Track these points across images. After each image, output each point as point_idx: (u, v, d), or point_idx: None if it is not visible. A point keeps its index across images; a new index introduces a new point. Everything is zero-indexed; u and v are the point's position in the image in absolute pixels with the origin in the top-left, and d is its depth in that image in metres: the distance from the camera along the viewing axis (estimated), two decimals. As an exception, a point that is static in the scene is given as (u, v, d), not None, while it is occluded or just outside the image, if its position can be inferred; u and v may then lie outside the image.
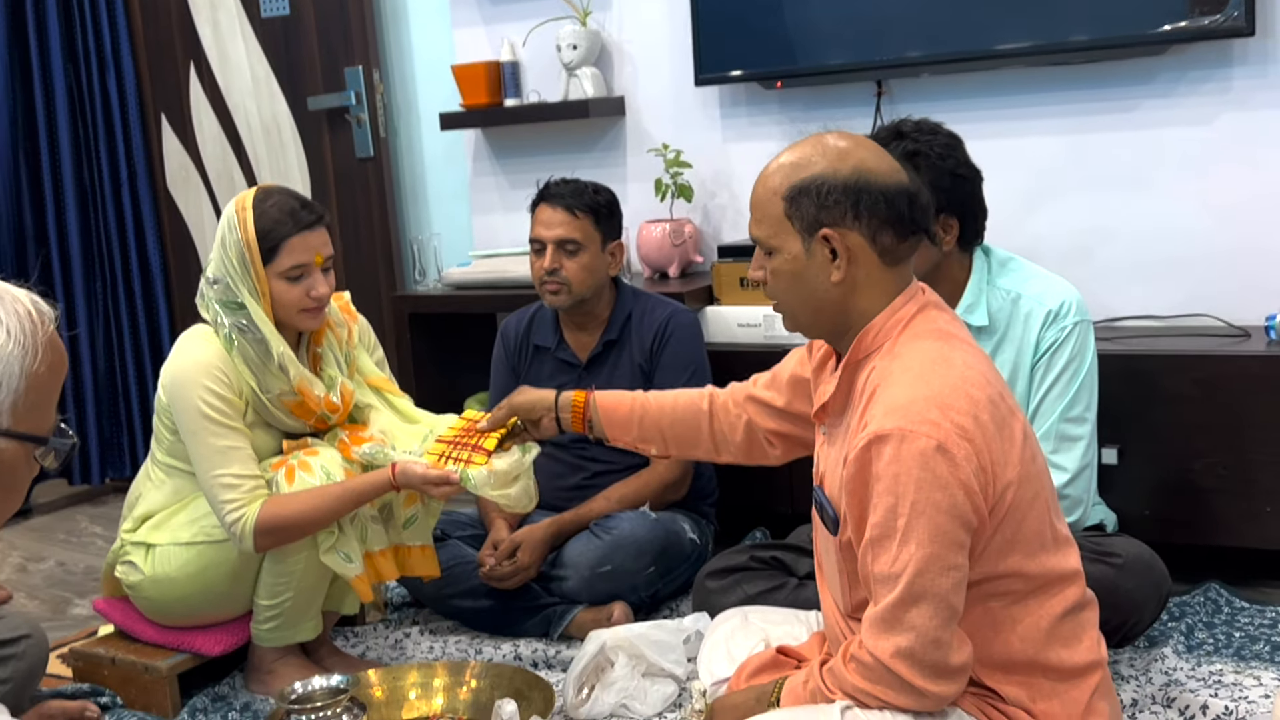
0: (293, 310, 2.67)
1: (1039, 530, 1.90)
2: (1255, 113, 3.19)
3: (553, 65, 4.00)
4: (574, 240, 3.08)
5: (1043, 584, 1.90)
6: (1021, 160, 3.44)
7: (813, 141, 1.96)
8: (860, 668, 1.86)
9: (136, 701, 2.79)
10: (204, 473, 2.62)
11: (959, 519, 1.78)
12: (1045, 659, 1.90)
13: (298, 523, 2.61)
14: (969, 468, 1.78)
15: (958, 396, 1.82)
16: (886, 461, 1.80)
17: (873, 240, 1.90)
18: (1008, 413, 1.88)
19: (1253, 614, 2.85)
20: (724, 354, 3.35)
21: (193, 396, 2.61)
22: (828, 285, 1.92)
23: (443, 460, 2.57)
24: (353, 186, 4.39)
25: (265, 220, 2.64)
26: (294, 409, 2.71)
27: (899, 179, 1.91)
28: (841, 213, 1.89)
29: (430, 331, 4.10)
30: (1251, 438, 2.89)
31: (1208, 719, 2.37)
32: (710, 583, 2.80)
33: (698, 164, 3.80)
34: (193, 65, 4.63)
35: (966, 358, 1.89)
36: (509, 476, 2.55)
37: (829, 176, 1.90)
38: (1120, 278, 3.36)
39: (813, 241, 1.91)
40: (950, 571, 1.79)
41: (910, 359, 1.88)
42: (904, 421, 1.79)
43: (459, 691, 2.67)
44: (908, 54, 3.43)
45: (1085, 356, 2.59)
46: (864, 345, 1.93)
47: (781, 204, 1.92)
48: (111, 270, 4.72)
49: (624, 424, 2.40)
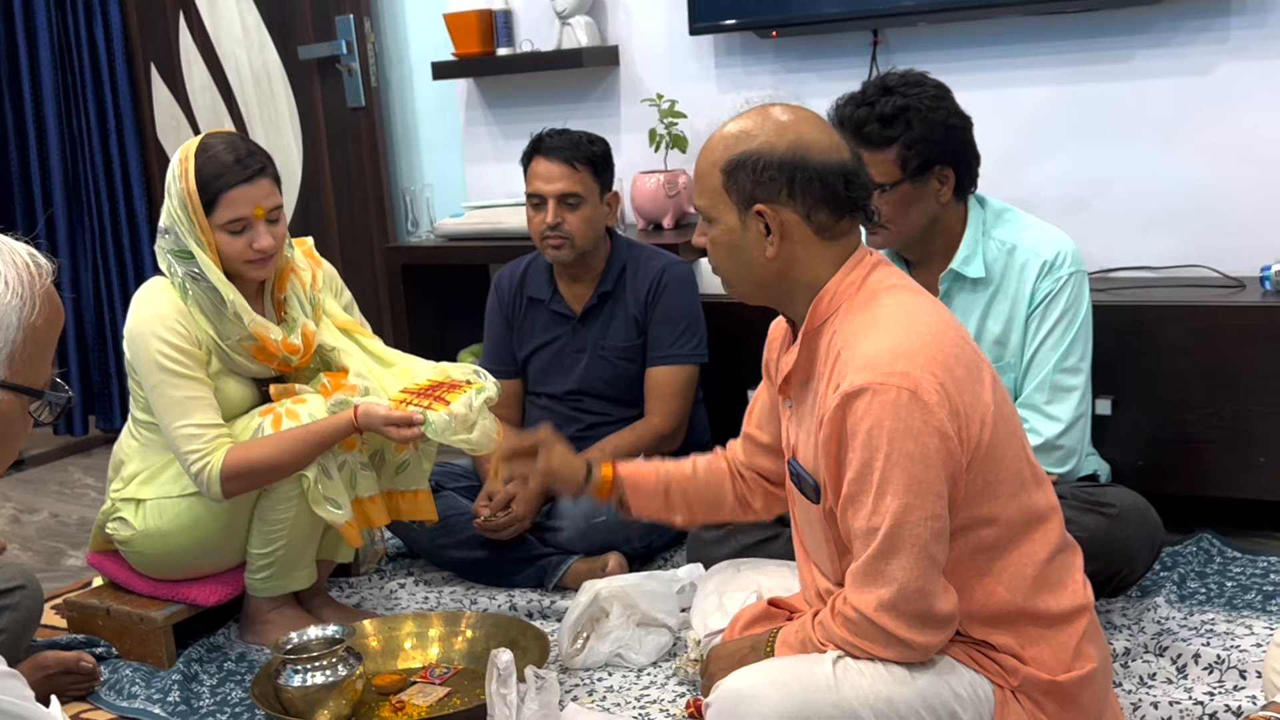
0: (237, 262, 2.65)
1: (1017, 469, 1.91)
2: (1252, 63, 3.17)
3: (546, 13, 3.97)
4: (575, 193, 3.06)
5: (1024, 525, 1.91)
6: (1017, 110, 3.42)
7: (757, 113, 1.95)
8: (845, 622, 1.87)
9: (132, 652, 2.80)
10: (167, 425, 2.62)
11: (936, 467, 1.79)
12: (1033, 606, 1.91)
13: (263, 468, 2.61)
14: (943, 413, 1.79)
15: (924, 344, 1.83)
16: (860, 416, 1.80)
17: (807, 218, 1.90)
18: (973, 354, 1.90)
19: (1245, 563, 2.87)
20: (718, 305, 3.34)
21: (150, 349, 2.61)
22: (763, 259, 1.92)
23: (404, 406, 2.62)
24: (344, 137, 4.35)
25: (205, 172, 2.60)
26: (256, 354, 2.70)
27: (838, 156, 1.90)
28: (776, 189, 1.89)
29: (423, 283, 4.08)
30: (1245, 388, 2.90)
31: (1200, 667, 2.38)
32: (704, 534, 2.81)
33: (692, 114, 3.77)
34: (182, 14, 4.59)
35: (926, 307, 1.91)
36: (467, 421, 2.60)
37: (765, 153, 1.89)
38: (1116, 228, 3.35)
39: (748, 216, 1.91)
40: (929, 521, 1.80)
41: (871, 316, 1.88)
42: (874, 375, 1.80)
43: (454, 642, 2.68)
44: (904, 3, 3.40)
45: (1080, 307, 2.59)
46: (820, 311, 1.93)
47: (720, 176, 1.92)
48: (100, 220, 4.69)
49: (650, 496, 2.33)
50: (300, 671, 2.39)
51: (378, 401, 2.66)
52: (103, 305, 4.73)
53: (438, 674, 2.60)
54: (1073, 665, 1.92)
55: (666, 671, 2.55)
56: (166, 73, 4.67)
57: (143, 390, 2.68)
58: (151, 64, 4.68)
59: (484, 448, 2.66)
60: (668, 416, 3.12)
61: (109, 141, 4.65)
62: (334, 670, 2.40)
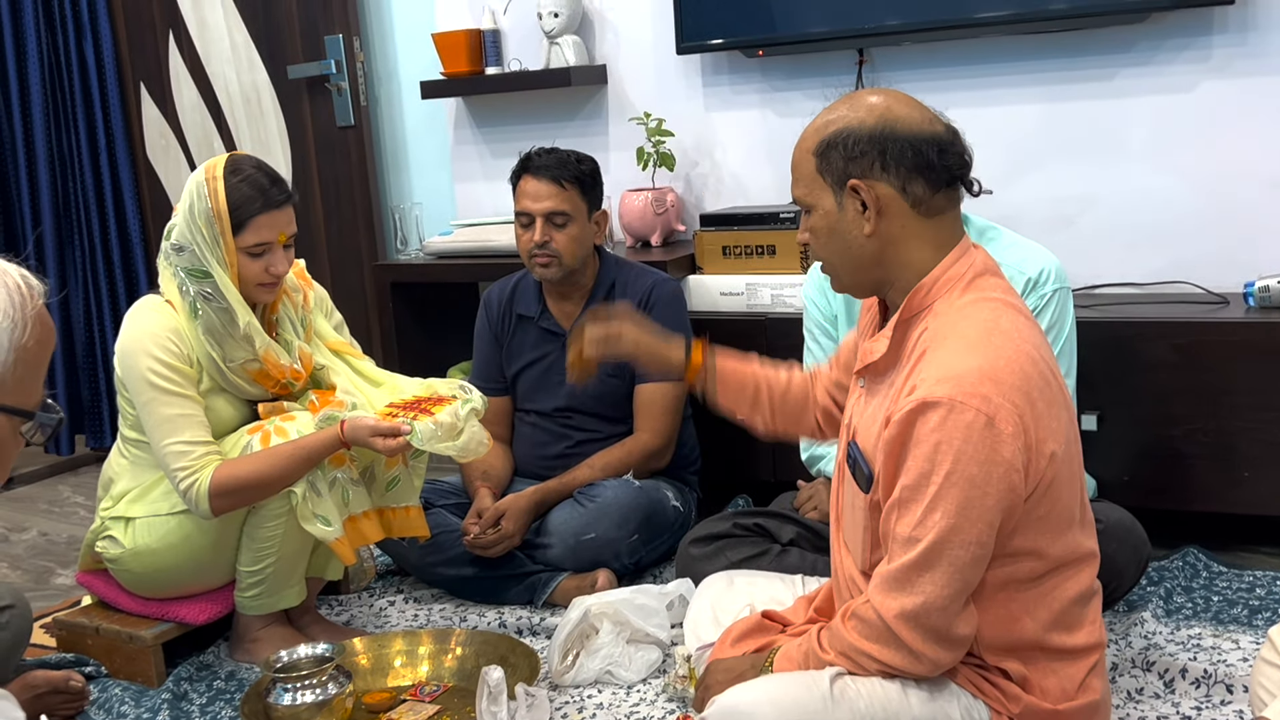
0: (249, 284, 2.67)
1: (1070, 508, 1.89)
2: (1234, 81, 3.19)
3: (534, 33, 3.99)
4: (563, 212, 3.07)
5: (1064, 565, 1.89)
6: (1002, 128, 3.44)
7: (846, 99, 1.95)
8: (860, 624, 1.86)
9: (121, 671, 2.80)
10: (156, 442, 2.63)
11: (994, 496, 1.76)
12: (1048, 640, 1.90)
13: (251, 484, 2.61)
14: (1015, 445, 1.76)
15: (1011, 371, 1.79)
16: (931, 428, 1.77)
17: (903, 190, 1.87)
18: (1058, 388, 1.87)
19: (1230, 578, 2.88)
20: (706, 323, 3.35)
21: (141, 366, 2.62)
22: (862, 239, 1.90)
23: (391, 419, 2.65)
24: (333, 155, 4.37)
25: (236, 195, 2.62)
26: (256, 376, 2.71)
27: (930, 129, 1.88)
28: (869, 163, 1.87)
29: (412, 301, 4.09)
30: (1230, 404, 2.92)
31: (1186, 682, 2.40)
32: (694, 550, 2.82)
33: (680, 132, 3.79)
34: (171, 33, 4.60)
35: (1020, 328, 1.86)
36: (453, 429, 2.63)
37: (855, 128, 1.88)
38: (1100, 245, 3.37)
39: (843, 194, 1.89)
40: (972, 546, 1.78)
41: (964, 324, 1.84)
42: (955, 391, 1.76)
43: (444, 659, 2.68)
44: (889, 22, 3.43)
45: (1065, 323, 2.61)
46: (916, 302, 1.90)
47: (813, 160, 1.92)
48: (90, 239, 4.70)
49: (738, 390, 2.33)
50: (290, 690, 2.40)
51: (364, 415, 2.67)
52: (92, 324, 4.73)
53: (427, 692, 2.60)
54: (1076, 696, 1.91)
55: (656, 688, 2.56)
56: (156, 92, 4.68)
57: (133, 409, 2.68)
58: (141, 83, 4.69)
59: (472, 454, 2.68)
60: (657, 434, 3.13)
61: (99, 160, 4.66)
62: (324, 688, 2.41)
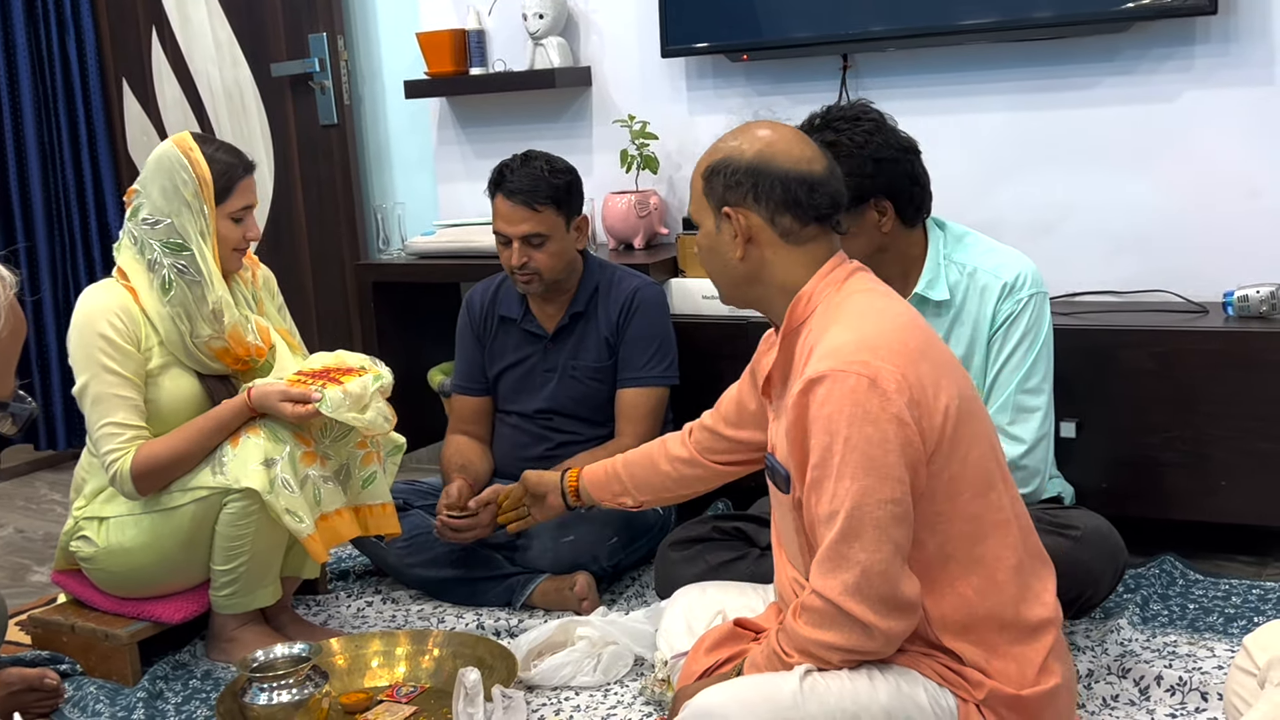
0: (227, 248, 2.74)
1: (985, 469, 1.95)
2: (1216, 91, 3.21)
3: (519, 34, 3.98)
4: (538, 234, 3.05)
5: (992, 526, 1.95)
6: (984, 135, 3.45)
7: (743, 127, 2.09)
8: (810, 615, 1.90)
9: (96, 669, 2.78)
10: (91, 423, 2.67)
11: (895, 452, 1.84)
12: (1001, 614, 1.94)
13: (168, 461, 2.65)
14: (901, 400, 1.85)
15: (888, 339, 1.91)
16: (820, 402, 1.87)
17: (771, 221, 2.00)
18: (942, 353, 1.98)
19: (1206, 586, 2.90)
20: (689, 326, 3.35)
21: (91, 343, 2.66)
22: (734, 261, 2.04)
23: (301, 385, 2.66)
24: (316, 154, 4.35)
25: (218, 163, 2.71)
26: (218, 353, 2.74)
27: (805, 167, 2.00)
28: (744, 193, 2.01)
29: (394, 301, 4.08)
30: (1208, 413, 2.93)
31: (1162, 689, 2.41)
32: (673, 553, 2.81)
33: (663, 136, 3.79)
34: (154, 29, 4.58)
35: (897, 306, 2.00)
36: (361, 401, 2.64)
37: (736, 159, 2.02)
38: (1080, 253, 3.38)
39: (720, 219, 2.03)
40: (888, 504, 1.84)
41: (839, 313, 1.97)
42: (835, 363, 1.87)
43: (422, 660, 2.67)
44: (873, 28, 3.44)
45: (1041, 328, 2.61)
46: (797, 313, 2.02)
47: (701, 182, 2.06)
48: (71, 234, 4.67)
49: (604, 484, 2.59)
50: (266, 690, 2.39)
51: (272, 381, 2.68)
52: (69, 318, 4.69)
53: (404, 693, 2.60)
54: (1038, 680, 1.95)
55: (633, 691, 2.56)
56: (138, 87, 4.66)
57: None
58: (124, 78, 4.67)
59: (378, 429, 2.69)
60: (638, 438, 3.11)
61: (80, 154, 4.63)
62: (300, 688, 2.40)
